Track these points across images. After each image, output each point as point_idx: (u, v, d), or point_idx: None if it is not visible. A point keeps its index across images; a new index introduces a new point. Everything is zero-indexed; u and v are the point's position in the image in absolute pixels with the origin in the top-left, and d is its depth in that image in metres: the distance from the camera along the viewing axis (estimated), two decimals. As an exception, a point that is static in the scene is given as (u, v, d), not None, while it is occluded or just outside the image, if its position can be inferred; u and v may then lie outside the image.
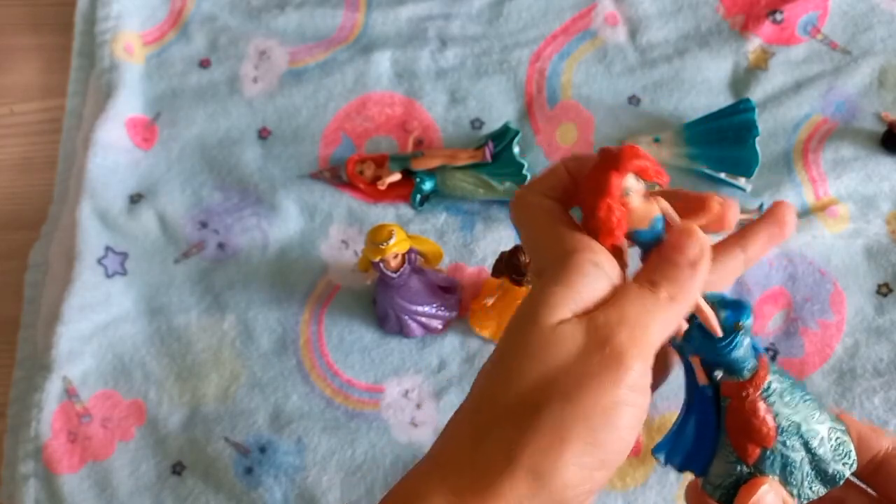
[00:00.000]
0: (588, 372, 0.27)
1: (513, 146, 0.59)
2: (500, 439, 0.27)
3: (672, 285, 0.29)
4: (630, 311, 0.28)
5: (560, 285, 0.28)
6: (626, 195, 0.30)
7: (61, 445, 0.54)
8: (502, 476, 0.27)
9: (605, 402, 0.27)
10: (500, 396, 0.28)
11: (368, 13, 0.66)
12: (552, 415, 0.27)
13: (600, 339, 0.28)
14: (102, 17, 0.65)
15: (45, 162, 0.64)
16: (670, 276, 0.29)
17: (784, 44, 0.63)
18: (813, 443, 0.31)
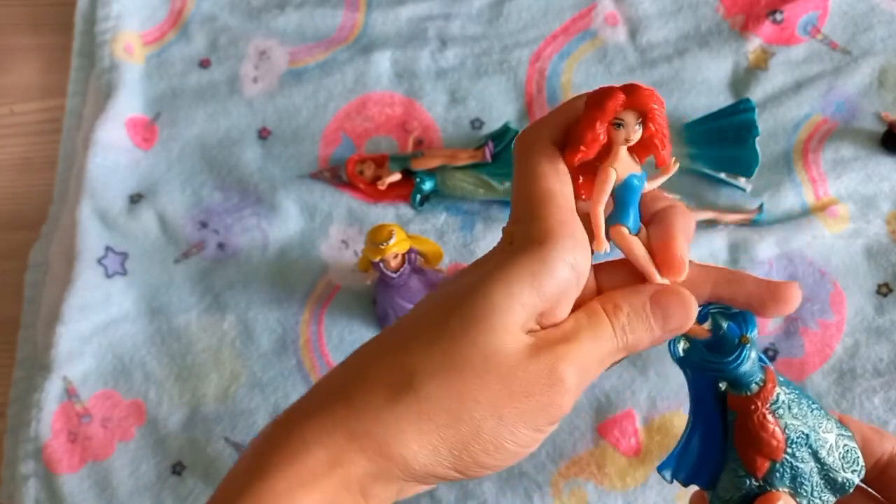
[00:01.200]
0: (524, 395, 0.28)
1: (512, 146, 0.58)
2: (411, 409, 0.27)
3: (637, 341, 0.29)
4: (585, 354, 0.28)
5: (527, 282, 0.28)
6: (617, 126, 0.29)
7: (61, 445, 0.54)
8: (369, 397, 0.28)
9: (521, 435, 0.28)
10: (429, 357, 0.28)
11: (368, 13, 0.66)
12: (469, 423, 0.27)
13: (551, 377, 0.28)
14: (102, 17, 0.65)
15: (45, 162, 0.64)
16: (639, 332, 0.29)
17: (784, 44, 0.63)
18: (822, 452, 0.31)
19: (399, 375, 0.28)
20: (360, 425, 0.27)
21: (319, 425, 0.28)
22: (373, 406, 0.28)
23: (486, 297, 0.28)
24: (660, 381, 0.54)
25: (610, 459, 0.52)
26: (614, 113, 0.28)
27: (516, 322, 0.28)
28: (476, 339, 0.28)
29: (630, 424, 0.53)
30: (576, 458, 0.52)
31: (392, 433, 0.27)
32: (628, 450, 0.53)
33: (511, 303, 0.28)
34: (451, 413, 0.27)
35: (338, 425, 0.28)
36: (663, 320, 0.29)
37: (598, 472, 0.52)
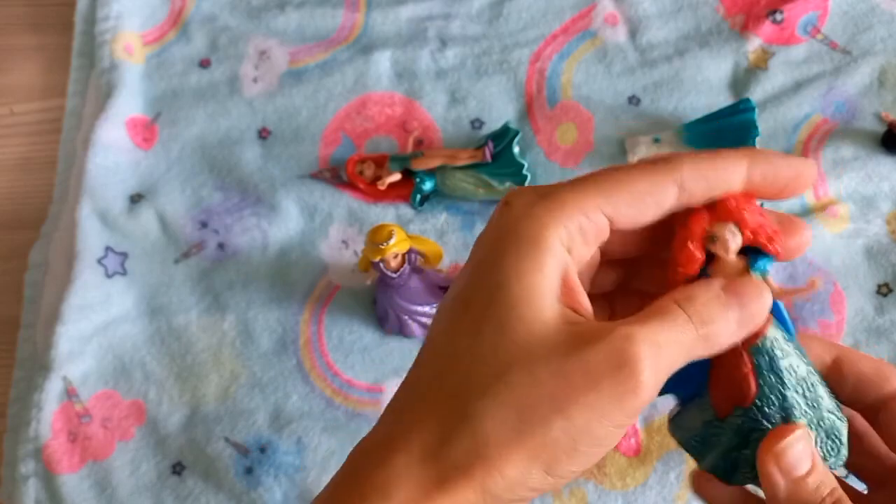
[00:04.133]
0: (593, 390, 0.24)
1: (513, 146, 0.59)
2: (471, 439, 0.25)
3: (717, 331, 0.26)
4: (663, 336, 0.25)
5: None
6: (712, 241, 0.28)
7: (61, 445, 0.54)
8: (461, 482, 0.25)
9: (600, 429, 0.25)
10: (475, 376, 0.25)
11: (368, 13, 0.66)
12: (539, 431, 0.24)
13: (619, 358, 0.24)
14: (102, 18, 0.65)
15: (45, 162, 0.64)
16: (718, 320, 0.26)
17: (784, 44, 0.63)
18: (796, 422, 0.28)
19: (449, 406, 0.25)
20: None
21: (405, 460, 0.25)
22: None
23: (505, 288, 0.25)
24: (660, 381, 0.54)
25: (610, 459, 0.52)
26: (703, 232, 0.28)
27: (548, 298, 0.25)
28: (515, 335, 0.25)
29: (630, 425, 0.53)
30: (576, 457, 0.52)
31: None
32: (628, 450, 0.53)
33: (568, 285, 0.25)
34: (514, 425, 0.24)
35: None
36: (740, 308, 0.27)
37: (598, 471, 0.52)
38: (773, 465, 0.28)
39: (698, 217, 0.29)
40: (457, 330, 0.27)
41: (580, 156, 0.61)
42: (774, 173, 0.27)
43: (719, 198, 0.28)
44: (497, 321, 0.26)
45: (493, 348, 0.25)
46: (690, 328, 0.26)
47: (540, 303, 0.25)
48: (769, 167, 0.27)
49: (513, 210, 0.27)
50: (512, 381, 0.25)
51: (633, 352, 0.24)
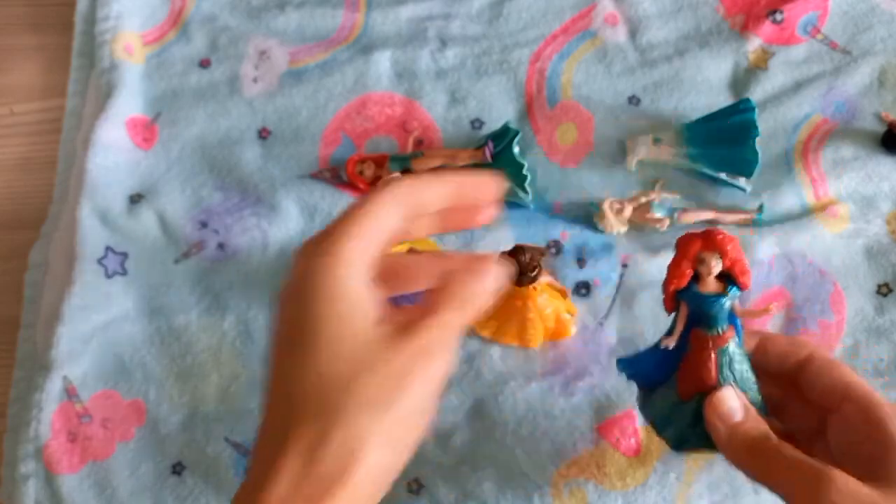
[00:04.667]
0: (422, 368, 0.32)
1: (513, 146, 0.59)
2: (340, 447, 0.31)
3: (476, 304, 0.35)
4: (448, 317, 0.34)
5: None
6: (700, 262, 0.39)
7: (61, 445, 0.54)
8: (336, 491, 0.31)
9: (430, 399, 0.33)
10: (328, 394, 0.32)
11: (368, 13, 0.66)
12: (390, 415, 0.32)
13: (430, 345, 0.33)
14: (102, 18, 0.65)
15: (45, 162, 0.64)
16: (477, 295, 0.35)
17: (784, 44, 0.63)
18: None
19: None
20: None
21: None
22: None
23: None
24: (660, 381, 0.54)
25: (610, 459, 0.52)
26: (695, 255, 0.39)
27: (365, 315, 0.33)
28: (348, 351, 0.32)
29: (630, 424, 0.53)
30: (576, 458, 0.52)
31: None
32: (628, 450, 0.53)
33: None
34: (370, 419, 0.31)
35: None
36: (491, 278, 0.36)
37: (598, 471, 0.52)
38: (714, 414, 0.39)
39: (693, 243, 0.39)
40: (296, 365, 0.33)
41: (580, 156, 0.61)
42: (468, 187, 0.37)
43: (710, 231, 0.39)
44: (329, 348, 0.32)
45: (335, 370, 0.32)
46: (462, 309, 0.35)
47: (356, 320, 0.33)
48: (463, 182, 0.37)
49: (307, 259, 0.33)
50: (360, 385, 0.32)
51: (432, 341, 0.33)
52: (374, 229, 0.34)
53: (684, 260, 0.40)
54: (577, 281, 0.57)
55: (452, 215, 0.38)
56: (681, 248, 0.40)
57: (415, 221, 0.37)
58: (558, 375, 0.55)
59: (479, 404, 0.54)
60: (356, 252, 0.33)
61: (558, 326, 0.55)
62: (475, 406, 0.54)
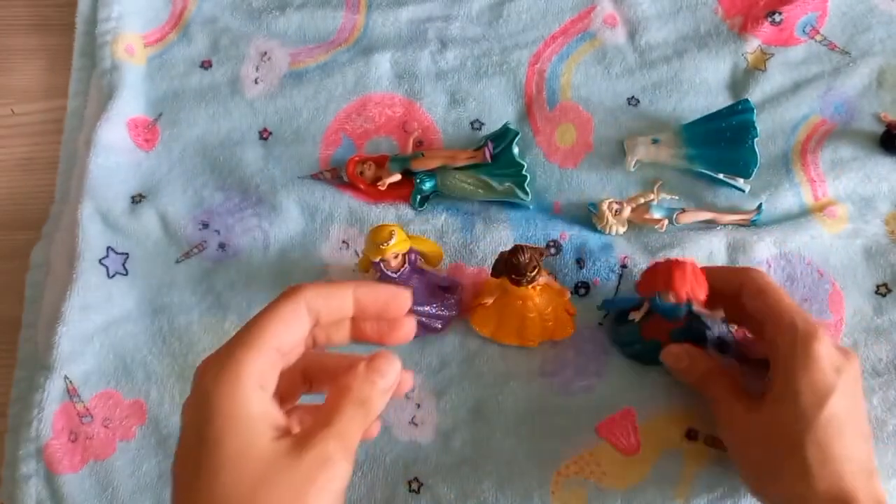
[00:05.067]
0: (314, 482, 0.34)
1: (512, 147, 0.59)
2: None
3: (371, 405, 0.37)
4: (343, 427, 0.36)
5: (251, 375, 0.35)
6: (661, 293, 0.49)
7: (62, 445, 0.54)
8: None
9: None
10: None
11: (369, 15, 0.67)
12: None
13: (324, 457, 0.34)
14: (103, 19, 0.66)
15: (47, 162, 0.65)
16: (371, 396, 0.37)
17: (783, 45, 0.64)
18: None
19: None
20: None
21: None
22: None
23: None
24: (658, 380, 0.54)
25: (609, 458, 0.52)
26: (655, 290, 0.50)
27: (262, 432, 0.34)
28: (237, 474, 0.33)
29: (629, 423, 0.53)
30: (575, 457, 0.53)
31: None
32: (627, 448, 0.53)
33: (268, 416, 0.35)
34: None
35: None
36: (382, 378, 0.37)
37: (598, 470, 0.52)
38: (667, 360, 0.52)
39: (656, 281, 0.49)
40: (199, 485, 0.34)
41: (579, 156, 0.61)
42: (374, 295, 0.39)
43: (672, 274, 0.48)
44: (229, 466, 0.33)
45: (236, 489, 0.33)
46: (358, 412, 0.36)
47: (255, 436, 0.34)
48: (368, 290, 0.39)
49: (208, 377, 0.35)
50: (261, 501, 0.33)
51: (330, 450, 0.35)
52: (275, 341, 0.35)
53: (650, 287, 0.50)
54: (577, 281, 0.57)
55: (369, 326, 0.40)
56: (649, 276, 0.50)
57: (329, 328, 0.39)
58: (558, 375, 0.55)
59: (479, 404, 0.55)
60: (255, 367, 0.35)
61: (558, 326, 0.55)
62: (475, 406, 0.55)
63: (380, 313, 0.39)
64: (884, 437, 0.53)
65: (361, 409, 0.36)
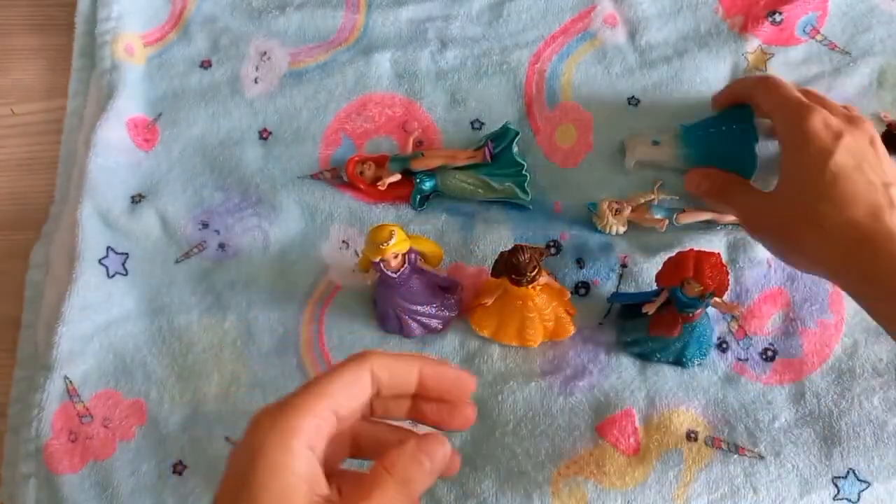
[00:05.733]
0: None
1: (512, 147, 0.59)
2: None
3: (414, 486, 0.35)
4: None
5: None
6: (686, 283, 0.50)
7: (62, 445, 0.54)
8: None
9: None
10: None
11: (369, 14, 0.67)
12: None
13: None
14: (103, 18, 0.66)
15: (47, 162, 0.64)
16: (415, 476, 0.35)
17: (783, 45, 0.64)
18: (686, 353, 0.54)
19: None
20: None
21: None
22: None
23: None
24: (658, 381, 0.54)
25: (609, 458, 0.52)
26: (683, 278, 0.50)
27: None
28: None
29: (629, 423, 0.53)
30: (575, 457, 0.53)
31: None
32: (627, 449, 0.53)
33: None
34: None
35: None
36: (430, 460, 0.36)
37: (598, 470, 0.52)
38: (690, 185, 0.58)
39: (685, 267, 0.49)
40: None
41: (579, 156, 0.61)
42: (439, 377, 0.38)
43: (703, 263, 0.48)
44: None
45: None
46: (400, 492, 0.35)
47: (298, 495, 0.33)
48: (434, 371, 0.38)
49: (261, 428, 0.34)
50: None
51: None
52: (334, 403, 0.35)
53: (674, 274, 0.50)
54: (577, 281, 0.57)
55: (429, 409, 0.39)
56: (675, 264, 0.50)
57: (388, 401, 0.38)
58: (558, 375, 0.55)
59: (479, 404, 0.54)
60: (309, 426, 0.34)
61: (558, 326, 0.55)
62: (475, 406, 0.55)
63: (442, 395, 0.39)
64: (884, 437, 0.53)
65: (404, 488, 0.35)
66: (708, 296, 0.50)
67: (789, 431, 0.53)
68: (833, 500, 0.52)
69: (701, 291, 0.49)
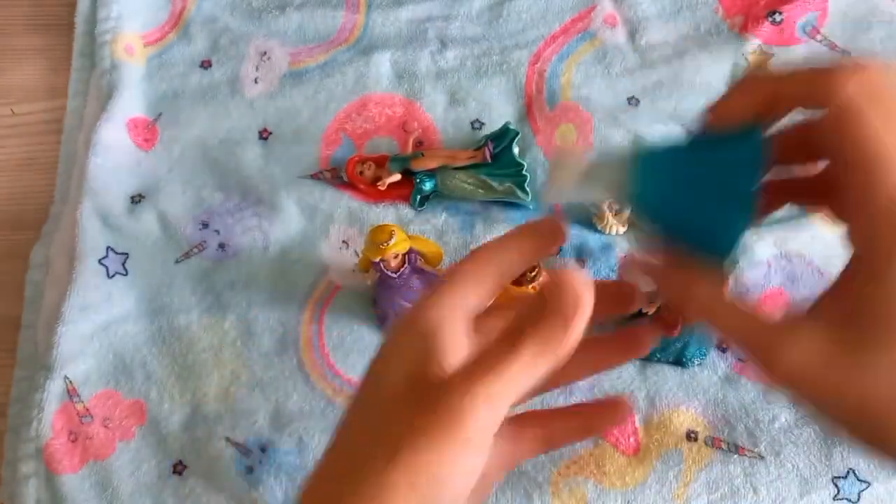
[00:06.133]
0: (421, 432, 0.27)
1: (512, 147, 0.59)
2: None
3: (539, 343, 0.27)
4: (498, 387, 0.27)
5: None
6: None
7: (62, 445, 0.54)
8: None
9: (435, 468, 0.27)
10: (342, 460, 0.29)
11: (368, 14, 0.67)
12: (380, 480, 0.27)
13: (453, 416, 0.27)
14: (103, 19, 0.66)
15: (47, 162, 0.64)
16: (539, 333, 0.27)
17: (783, 45, 0.64)
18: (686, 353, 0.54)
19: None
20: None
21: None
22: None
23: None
24: (658, 381, 0.54)
25: (609, 458, 0.52)
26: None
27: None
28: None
29: (629, 423, 0.53)
30: (575, 457, 0.53)
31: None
32: (627, 449, 0.53)
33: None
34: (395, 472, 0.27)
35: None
36: (572, 327, 0.28)
37: (598, 470, 0.52)
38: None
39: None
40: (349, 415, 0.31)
41: (580, 156, 0.61)
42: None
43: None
44: (372, 398, 0.30)
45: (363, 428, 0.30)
46: (536, 363, 0.27)
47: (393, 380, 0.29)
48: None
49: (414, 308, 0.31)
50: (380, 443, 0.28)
51: (465, 409, 0.27)
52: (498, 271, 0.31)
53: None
54: (577, 281, 0.57)
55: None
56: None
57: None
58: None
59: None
60: (456, 298, 0.30)
61: (558, 326, 0.55)
62: (475, 406, 0.55)
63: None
64: (884, 437, 0.53)
65: (529, 362, 0.27)
66: None
67: (789, 431, 0.53)
68: (833, 500, 0.52)
69: None
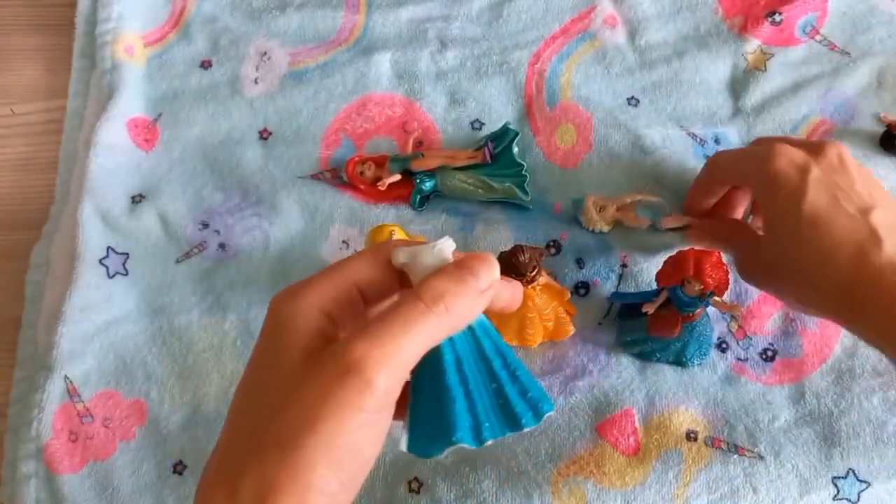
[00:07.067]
0: (329, 397, 0.28)
1: (512, 147, 0.59)
2: (251, 484, 0.29)
3: (453, 300, 0.31)
4: (388, 333, 0.29)
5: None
6: (687, 282, 0.50)
7: (62, 445, 0.54)
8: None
9: (344, 429, 0.29)
10: (254, 433, 0.30)
11: (369, 14, 0.67)
12: (298, 450, 0.28)
13: (342, 362, 0.29)
14: (103, 19, 0.66)
15: (47, 162, 0.64)
16: (454, 293, 0.31)
17: (783, 45, 0.64)
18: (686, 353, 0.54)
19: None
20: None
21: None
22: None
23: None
24: (658, 380, 0.54)
25: (609, 458, 0.52)
26: (683, 277, 0.51)
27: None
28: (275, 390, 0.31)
29: (629, 423, 0.53)
30: (575, 457, 0.53)
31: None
32: (627, 449, 0.53)
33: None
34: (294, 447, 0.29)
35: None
36: (475, 277, 0.32)
37: (598, 470, 0.52)
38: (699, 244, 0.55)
39: (685, 266, 0.51)
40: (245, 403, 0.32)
41: (579, 156, 0.61)
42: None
43: (703, 262, 0.50)
44: (258, 382, 0.32)
45: (260, 413, 0.30)
46: (422, 315, 0.30)
47: (294, 351, 0.31)
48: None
49: (275, 298, 0.33)
50: (279, 417, 0.29)
51: (353, 359, 0.29)
52: (353, 276, 0.34)
53: (675, 274, 0.51)
54: (577, 281, 0.57)
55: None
56: (675, 263, 0.51)
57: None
58: (558, 375, 0.55)
59: (479, 404, 0.55)
60: (322, 292, 0.33)
61: (558, 326, 0.55)
62: (475, 406, 0.55)
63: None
64: (884, 437, 0.53)
65: (427, 310, 0.30)
66: (708, 295, 0.50)
67: (789, 431, 0.53)
68: (833, 500, 0.52)
69: (701, 290, 0.50)
